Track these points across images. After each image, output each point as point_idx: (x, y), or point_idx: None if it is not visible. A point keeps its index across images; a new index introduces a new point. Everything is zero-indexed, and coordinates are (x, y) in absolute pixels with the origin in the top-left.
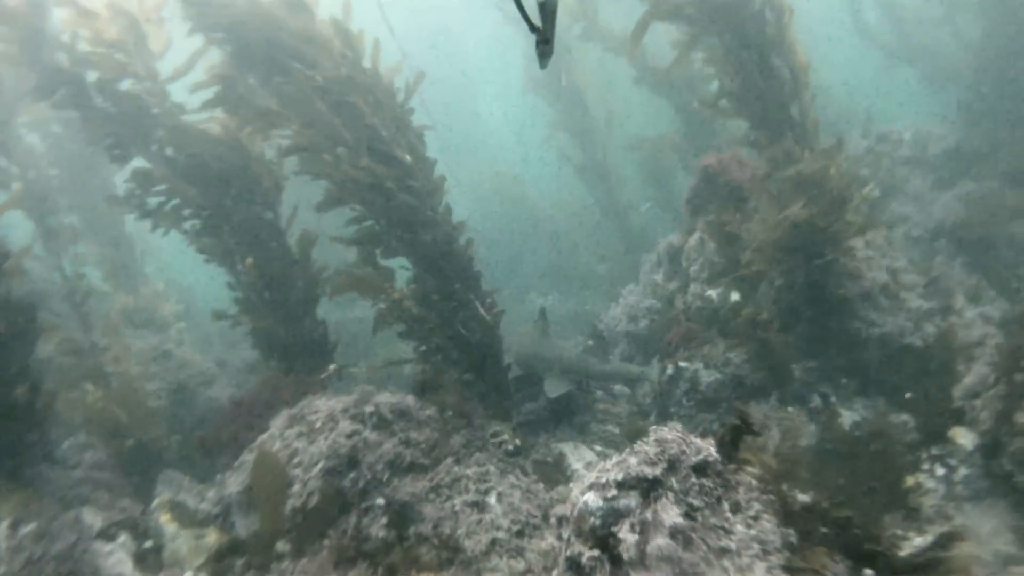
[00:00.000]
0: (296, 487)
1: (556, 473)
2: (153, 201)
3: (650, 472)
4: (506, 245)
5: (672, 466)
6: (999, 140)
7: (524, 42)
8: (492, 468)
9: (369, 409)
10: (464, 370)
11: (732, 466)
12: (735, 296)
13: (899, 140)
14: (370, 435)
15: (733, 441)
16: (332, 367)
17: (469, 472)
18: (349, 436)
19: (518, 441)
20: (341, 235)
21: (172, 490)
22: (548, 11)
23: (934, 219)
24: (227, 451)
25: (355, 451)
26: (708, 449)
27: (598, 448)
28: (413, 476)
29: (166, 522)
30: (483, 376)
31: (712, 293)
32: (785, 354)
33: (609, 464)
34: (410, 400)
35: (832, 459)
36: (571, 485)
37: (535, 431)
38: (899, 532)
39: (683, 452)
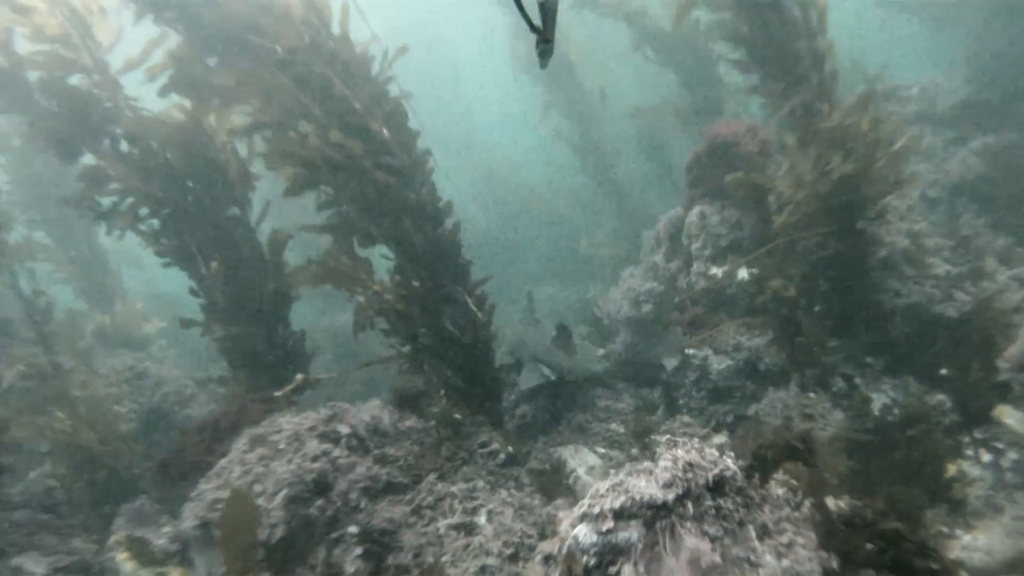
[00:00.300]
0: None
1: (555, 482)
2: (108, 202)
3: (656, 495)
4: (503, 235)
5: (683, 487)
6: (1017, 90)
7: (513, 23)
8: (481, 483)
9: (341, 428)
10: (452, 372)
11: (755, 479)
12: (743, 274)
13: (907, 96)
14: (341, 455)
15: (775, 461)
16: (299, 377)
17: (454, 489)
18: (316, 459)
19: (511, 449)
20: (313, 223)
21: (132, 524)
22: (548, 11)
23: (951, 177)
24: (191, 478)
25: (323, 475)
26: (725, 462)
27: (601, 450)
28: (391, 498)
29: (124, 560)
30: (473, 379)
31: (717, 271)
32: (817, 334)
33: (604, 486)
34: (387, 412)
35: (863, 449)
36: (570, 499)
37: (531, 435)
38: (944, 530)
39: (696, 467)
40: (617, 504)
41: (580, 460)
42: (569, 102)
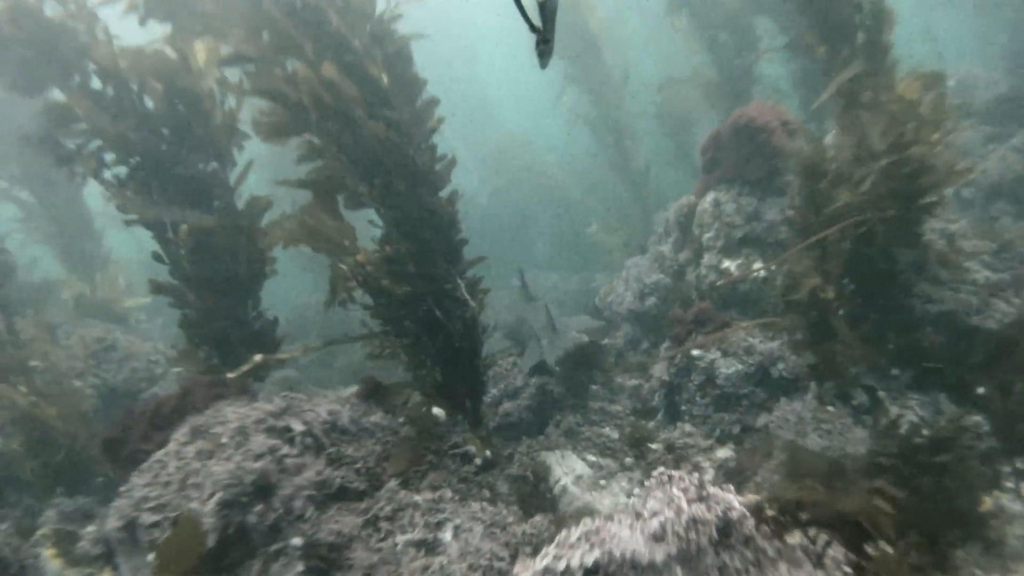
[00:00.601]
0: None
1: (537, 493)
2: (74, 144)
3: (641, 552)
4: (506, 216)
5: (678, 542)
6: None
7: None
8: (449, 492)
9: (294, 423)
10: (432, 363)
11: (768, 527)
12: (760, 270)
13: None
14: (290, 454)
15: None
16: (256, 358)
17: (418, 499)
18: (259, 457)
19: (489, 453)
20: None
21: (63, 518)
22: (548, 11)
23: (990, 176)
24: (131, 466)
25: (266, 476)
26: (730, 500)
27: (591, 457)
28: (343, 507)
29: (50, 558)
30: (455, 372)
31: (730, 265)
32: (853, 342)
33: (575, 534)
34: (351, 405)
35: (885, 475)
36: (550, 515)
37: (515, 435)
38: (978, 573)
39: (697, 520)
40: (590, 560)
41: (567, 467)
42: (589, 78)
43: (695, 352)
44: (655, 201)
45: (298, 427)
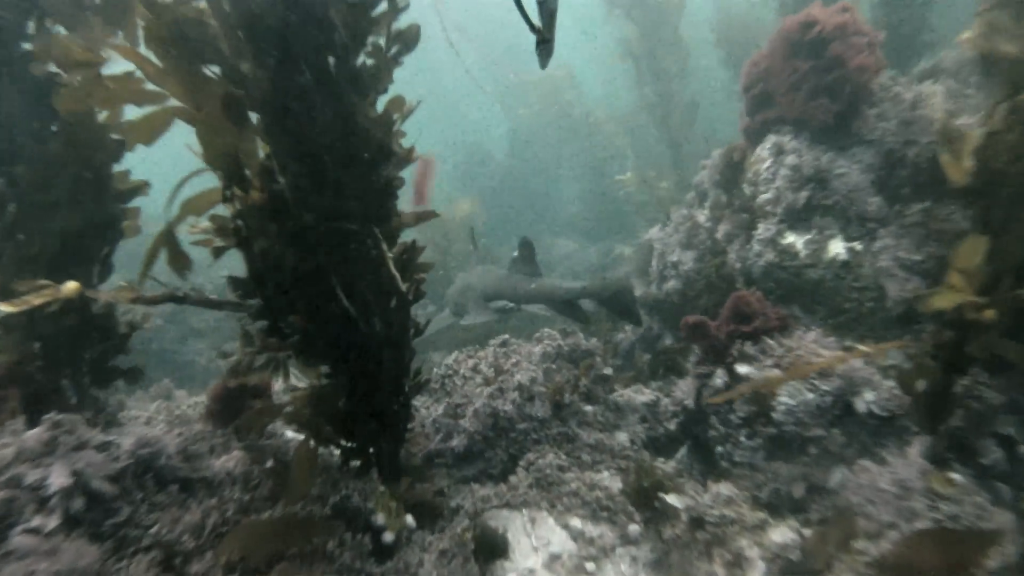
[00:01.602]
0: None
1: None
2: None
3: None
4: (534, 169)
5: None
6: None
7: None
8: None
9: (56, 473)
10: (332, 377)
11: None
12: (837, 248)
13: None
14: (19, 547)
15: None
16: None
17: None
18: None
19: (410, 519)
20: None
21: None
22: (548, 11)
23: None
24: None
25: None
26: None
27: (575, 523)
28: None
29: None
30: (368, 395)
31: (796, 240)
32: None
33: None
34: (186, 434)
35: None
36: None
37: (462, 477)
38: None
39: None
40: None
41: (538, 539)
42: (635, 3)
43: (742, 369)
44: (698, 151)
45: (59, 481)
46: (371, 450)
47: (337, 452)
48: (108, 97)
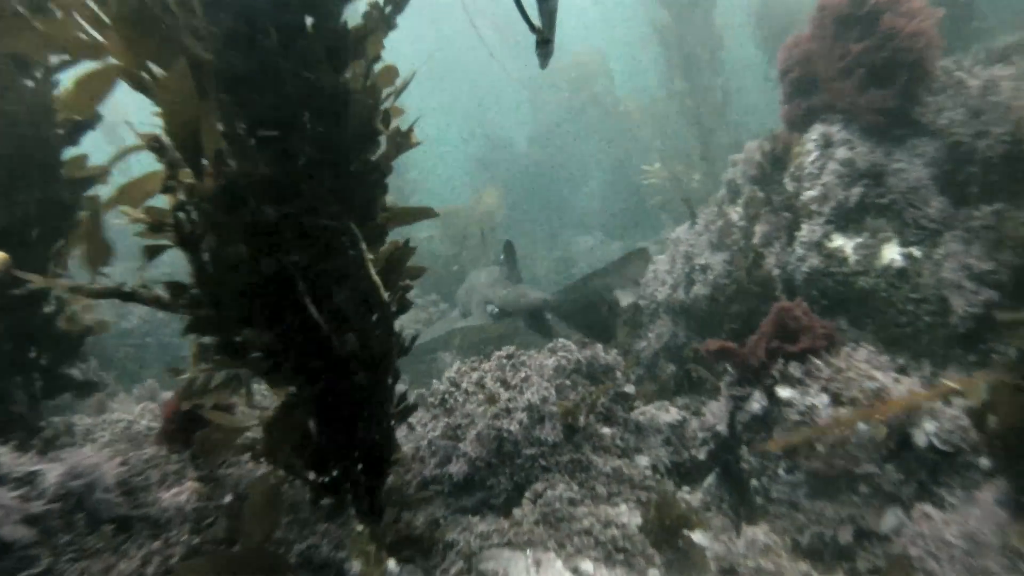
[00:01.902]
0: None
1: None
2: None
3: None
4: (557, 159)
5: None
6: None
7: None
8: None
9: None
10: (304, 407)
11: None
12: (892, 254)
13: None
14: None
15: None
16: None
17: None
18: None
19: (392, 566)
20: None
21: None
22: (548, 11)
23: None
24: None
25: None
26: None
27: (586, 566)
28: None
29: None
30: (346, 426)
31: (846, 244)
32: None
33: None
34: (129, 461)
35: None
36: None
37: (460, 507)
38: None
39: None
40: None
41: None
42: None
43: (784, 393)
44: (729, 142)
45: None
46: (346, 485)
47: (306, 486)
48: (37, 43)
